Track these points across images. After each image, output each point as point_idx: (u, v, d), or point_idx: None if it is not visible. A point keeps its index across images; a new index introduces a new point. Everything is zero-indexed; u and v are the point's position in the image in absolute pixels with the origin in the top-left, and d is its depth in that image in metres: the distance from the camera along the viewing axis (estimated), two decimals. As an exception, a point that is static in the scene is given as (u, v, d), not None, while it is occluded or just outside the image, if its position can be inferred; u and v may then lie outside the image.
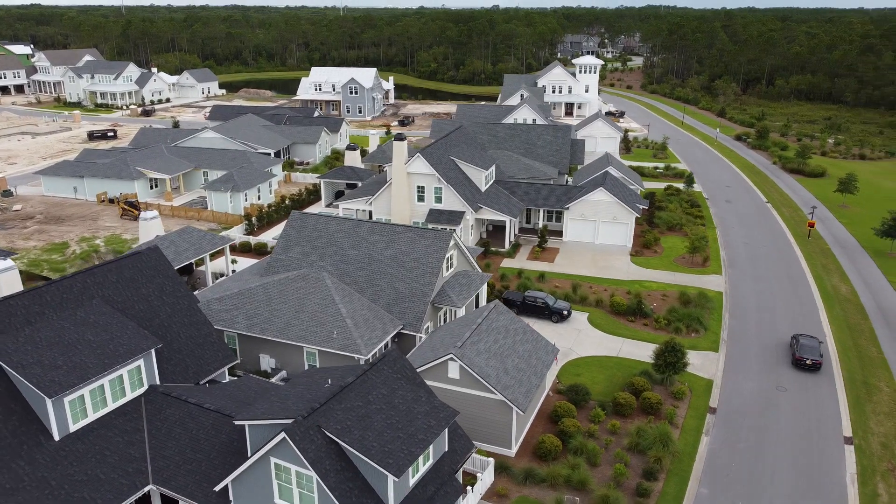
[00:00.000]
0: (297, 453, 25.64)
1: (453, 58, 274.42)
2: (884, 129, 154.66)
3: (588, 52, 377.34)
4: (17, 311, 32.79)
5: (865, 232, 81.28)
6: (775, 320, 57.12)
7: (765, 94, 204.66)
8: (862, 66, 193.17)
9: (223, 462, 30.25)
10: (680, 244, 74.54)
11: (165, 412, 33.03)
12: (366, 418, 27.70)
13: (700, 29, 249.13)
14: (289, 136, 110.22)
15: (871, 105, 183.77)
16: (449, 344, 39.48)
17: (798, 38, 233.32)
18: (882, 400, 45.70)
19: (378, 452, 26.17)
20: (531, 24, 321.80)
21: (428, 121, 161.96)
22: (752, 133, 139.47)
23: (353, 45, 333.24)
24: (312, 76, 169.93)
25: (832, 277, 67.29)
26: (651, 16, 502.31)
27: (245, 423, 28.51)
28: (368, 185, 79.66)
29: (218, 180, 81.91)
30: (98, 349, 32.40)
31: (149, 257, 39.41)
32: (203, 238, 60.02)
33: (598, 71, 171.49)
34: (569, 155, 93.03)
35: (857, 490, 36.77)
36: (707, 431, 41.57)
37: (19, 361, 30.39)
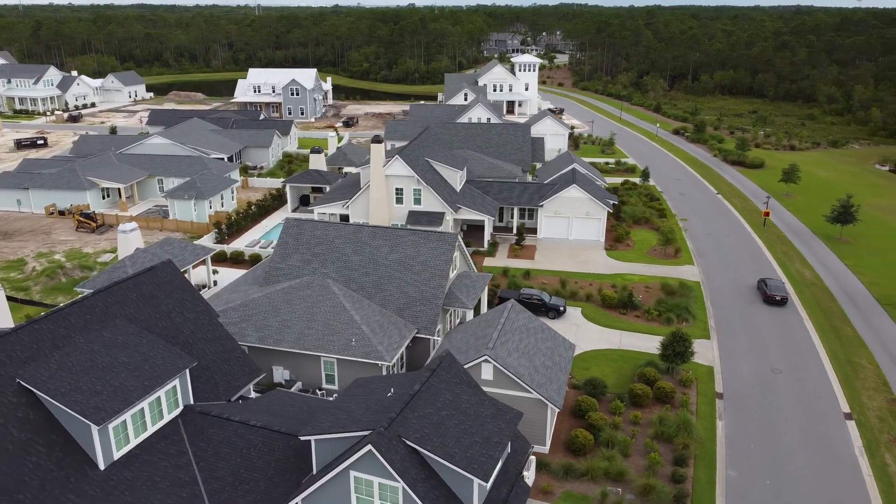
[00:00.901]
0: (384, 465, 25.26)
1: (385, 57, 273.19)
2: (805, 122, 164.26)
3: (514, 49, 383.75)
4: (44, 335, 30.82)
5: (813, 219, 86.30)
6: (754, 307, 59.97)
7: (691, 90, 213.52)
8: (779, 61, 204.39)
9: (282, 480, 29.44)
10: (649, 237, 77.06)
11: (208, 432, 31.79)
12: (440, 425, 27.56)
13: (626, 27, 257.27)
14: (240, 140, 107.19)
15: (789, 98, 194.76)
16: (476, 346, 39.64)
17: (717, 36, 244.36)
18: (868, 376, 48.83)
19: (462, 458, 26.10)
20: (458, 23, 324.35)
21: (371, 121, 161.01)
22: (690, 127, 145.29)
23: (280, 45, 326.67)
24: (250, 78, 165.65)
25: (794, 263, 71.19)
26: (570, 14, 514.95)
27: (312, 438, 27.84)
28: (338, 188, 78.60)
29: (180, 188, 78.90)
30: (135, 371, 30.87)
31: (164, 272, 37.74)
32: (185, 249, 57.85)
33: (537, 69, 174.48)
34: (530, 153, 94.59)
35: (868, 462, 39.23)
36: (720, 416, 43.35)
37: (56, 389, 28.63)
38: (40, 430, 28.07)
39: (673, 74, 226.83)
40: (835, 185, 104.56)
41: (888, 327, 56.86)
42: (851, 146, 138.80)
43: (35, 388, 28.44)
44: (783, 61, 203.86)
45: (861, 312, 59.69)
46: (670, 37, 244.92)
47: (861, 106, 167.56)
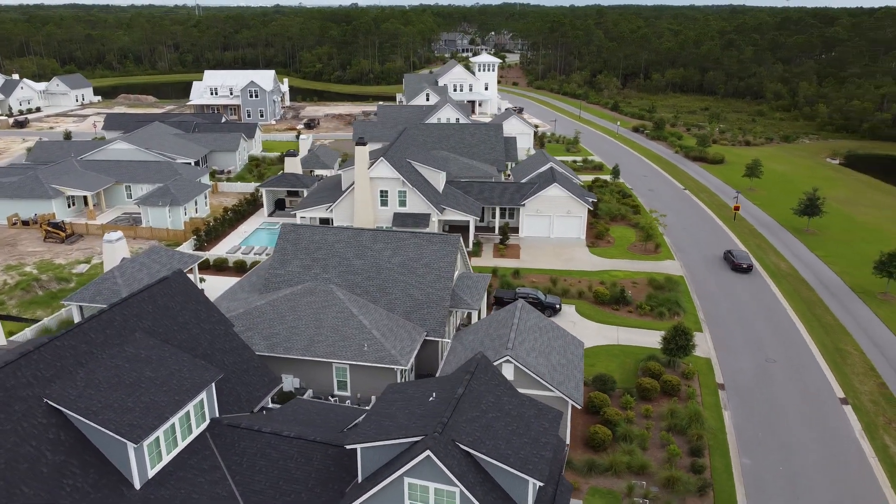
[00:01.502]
0: (442, 470, 25.14)
1: (338, 58, 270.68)
2: (755, 118, 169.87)
3: (463, 49, 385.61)
4: (66, 352, 29.61)
5: (779, 212, 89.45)
6: (738, 299, 61.83)
7: (643, 88, 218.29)
8: (727, 60, 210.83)
9: (324, 490, 29.01)
10: (628, 233, 78.57)
11: (240, 445, 31.06)
12: (489, 428, 27.58)
13: (578, 27, 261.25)
14: (205, 144, 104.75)
15: (738, 95, 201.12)
16: (494, 346, 39.77)
17: (665, 35, 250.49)
18: (855, 362, 50.93)
19: (516, 460, 26.18)
20: (409, 23, 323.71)
21: (333, 122, 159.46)
22: (649, 125, 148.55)
23: (228, 46, 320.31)
24: (206, 80, 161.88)
25: (769, 255, 73.65)
26: (516, 14, 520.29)
27: (358, 446, 27.51)
28: (317, 191, 77.64)
29: (153, 194, 76.62)
30: (163, 386, 29.93)
31: (176, 282, 36.67)
32: (173, 257, 56.30)
33: (497, 69, 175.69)
34: (504, 152, 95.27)
35: (869, 444, 40.95)
36: (725, 406, 44.57)
37: (88, 408, 27.55)
38: (73, 451, 26.98)
39: (625, 73, 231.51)
40: (793, 178, 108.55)
41: (865, 314, 59.40)
42: (802, 141, 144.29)
43: (65, 407, 27.32)
44: (731, 59, 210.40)
45: (838, 301, 62.19)
46: (620, 36, 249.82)
47: (807, 102, 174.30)
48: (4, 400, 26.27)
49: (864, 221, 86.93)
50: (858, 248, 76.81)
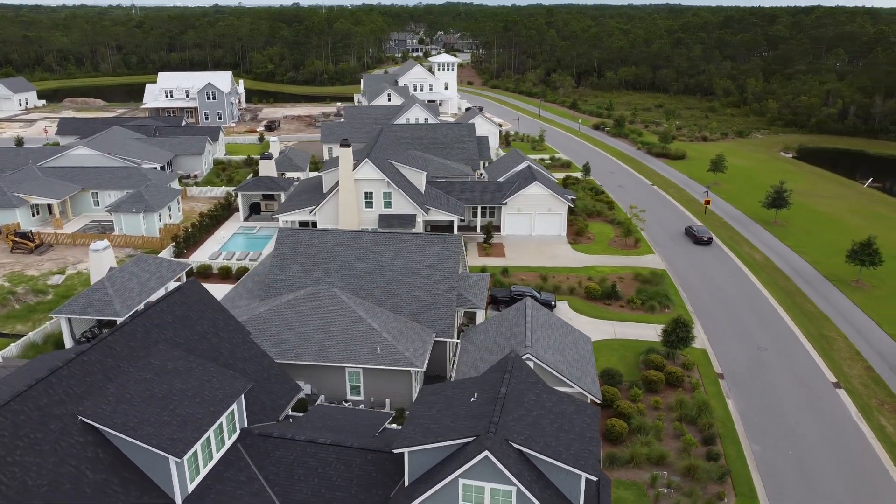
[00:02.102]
0: (500, 469, 25.20)
1: (290, 58, 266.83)
2: (707, 114, 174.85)
3: (413, 49, 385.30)
4: (93, 367, 28.56)
5: (746, 205, 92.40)
6: (722, 290, 63.67)
7: (597, 86, 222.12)
8: (677, 58, 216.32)
9: (368, 496, 28.72)
10: (606, 229, 79.96)
11: (274, 454, 30.49)
12: (536, 425, 27.77)
13: (531, 26, 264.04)
14: (170, 148, 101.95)
15: (689, 92, 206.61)
16: (510, 345, 40.01)
17: (615, 34, 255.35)
18: (841, 347, 53.09)
19: (568, 456, 26.44)
20: (359, 23, 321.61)
21: (293, 124, 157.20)
22: (609, 123, 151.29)
23: (173, 47, 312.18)
24: (161, 82, 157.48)
25: (743, 247, 76.01)
26: (462, 13, 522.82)
27: (406, 450, 27.36)
28: (297, 194, 76.57)
29: (125, 201, 74.23)
30: (196, 397, 29.14)
31: (191, 291, 35.70)
32: (161, 265, 54.76)
33: (456, 68, 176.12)
34: (477, 152, 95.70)
35: (867, 425, 42.78)
36: (727, 395, 45.88)
37: (124, 424, 26.64)
38: (113, 468, 26.06)
39: (579, 71, 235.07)
40: (753, 172, 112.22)
41: (842, 301, 61.95)
42: (755, 136, 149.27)
43: (101, 424, 26.38)
44: (680, 58, 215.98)
45: (815, 289, 64.67)
46: (572, 35, 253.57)
47: (755, 98, 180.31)
48: (40, 419, 25.23)
49: (824, 212, 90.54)
50: (823, 237, 79.99)
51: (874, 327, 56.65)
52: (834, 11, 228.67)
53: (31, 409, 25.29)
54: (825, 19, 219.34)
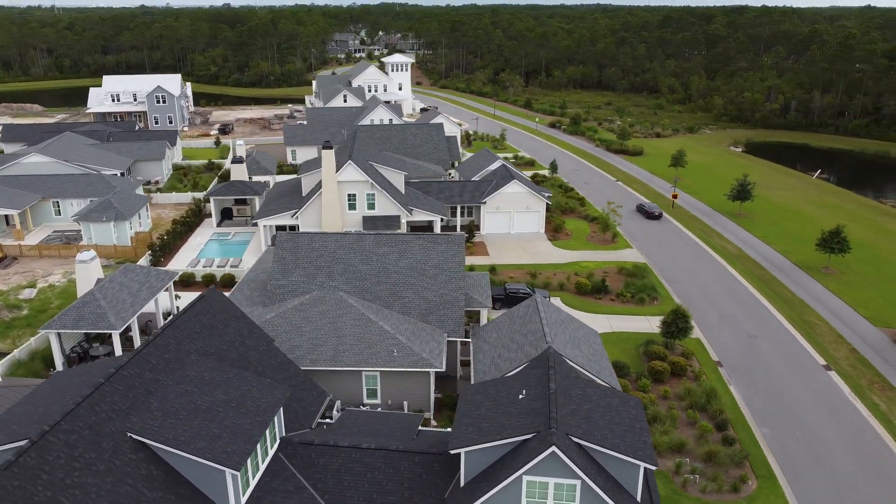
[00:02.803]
0: (566, 464, 25.43)
1: (234, 60, 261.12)
2: (656, 111, 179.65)
3: (355, 50, 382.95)
4: (134, 381, 27.47)
5: (709, 197, 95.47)
6: (704, 281, 65.66)
7: (546, 85, 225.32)
8: (622, 56, 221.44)
9: (423, 498, 28.56)
10: (582, 225, 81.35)
11: (318, 462, 29.98)
12: (589, 419, 28.13)
13: (478, 26, 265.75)
14: (128, 154, 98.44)
15: (635, 90, 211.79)
16: (529, 341, 40.27)
17: (559, 34, 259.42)
18: (823, 332, 55.53)
19: (626, 447, 26.88)
20: (301, 23, 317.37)
21: (247, 127, 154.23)
22: (565, 121, 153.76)
23: (108, 49, 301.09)
24: (106, 86, 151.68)
25: (714, 239, 78.56)
26: (400, 14, 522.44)
27: (462, 450, 27.32)
28: (274, 198, 75.14)
29: (94, 209, 71.32)
30: (240, 408, 28.39)
31: (214, 300, 34.68)
32: (149, 274, 52.87)
33: (410, 68, 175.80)
34: (447, 151, 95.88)
35: (861, 404, 44.91)
36: (729, 381, 47.40)
37: (175, 438, 25.76)
38: (167, 485, 25.18)
39: (527, 71, 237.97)
40: (709, 166, 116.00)
41: (816, 287, 64.78)
42: (704, 131, 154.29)
43: (152, 440, 25.46)
44: (625, 56, 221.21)
45: (788, 277, 67.42)
46: (517, 35, 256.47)
47: (700, 95, 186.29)
48: (92, 438, 24.17)
49: (782, 203, 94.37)
50: (786, 227, 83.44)
51: (850, 311, 59.47)
52: (769, 11, 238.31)
53: (81, 427, 24.19)
54: (762, 18, 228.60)
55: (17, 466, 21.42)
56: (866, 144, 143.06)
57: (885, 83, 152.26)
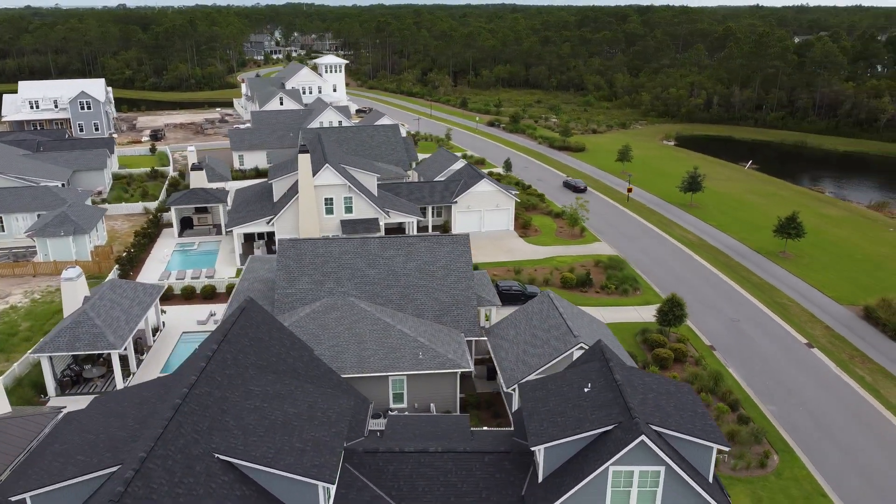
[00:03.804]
0: (654, 451, 26.22)
1: (150, 63, 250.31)
2: (586, 108, 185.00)
3: (272, 51, 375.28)
4: (207, 401, 26.35)
5: (658, 190, 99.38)
6: (677, 271, 68.49)
7: (474, 84, 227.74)
8: (547, 55, 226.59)
9: (501, 497, 28.80)
10: (547, 221, 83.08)
11: (388, 470, 29.68)
12: (658, 407, 29.04)
13: (404, 27, 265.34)
14: (67, 164, 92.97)
15: (563, 88, 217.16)
16: (554, 336, 41.11)
17: (482, 34, 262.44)
18: (797, 312, 59.12)
19: (699, 432, 27.92)
20: (216, 24, 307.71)
21: (179, 132, 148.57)
22: (504, 119, 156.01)
23: (7, 53, 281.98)
24: (22, 92, 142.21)
25: (675, 229, 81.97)
26: (307, 14, 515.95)
27: (542, 447, 27.73)
28: (244, 204, 72.95)
29: (50, 223, 67.07)
30: (312, 420, 27.74)
31: (254, 312, 33.57)
32: (136, 289, 50.44)
33: (344, 70, 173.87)
34: (405, 152, 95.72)
35: (848, 377, 48.22)
36: (726, 364, 49.79)
37: (263, 456, 24.98)
38: (262, 505, 24.31)
39: (455, 70, 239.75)
40: (649, 160, 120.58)
41: (778, 271, 68.81)
42: (635, 126, 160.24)
43: (241, 459, 24.63)
44: (551, 55, 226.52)
45: (751, 262, 71.27)
46: (442, 35, 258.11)
47: (625, 92, 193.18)
48: (185, 462, 23.13)
49: (727, 194, 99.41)
50: (736, 215, 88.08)
51: (815, 292, 63.54)
52: (687, 10, 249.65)
53: (173, 452, 23.08)
54: (679, 17, 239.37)
55: (128, 497, 20.26)
56: (785, 135, 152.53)
57: (797, 78, 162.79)
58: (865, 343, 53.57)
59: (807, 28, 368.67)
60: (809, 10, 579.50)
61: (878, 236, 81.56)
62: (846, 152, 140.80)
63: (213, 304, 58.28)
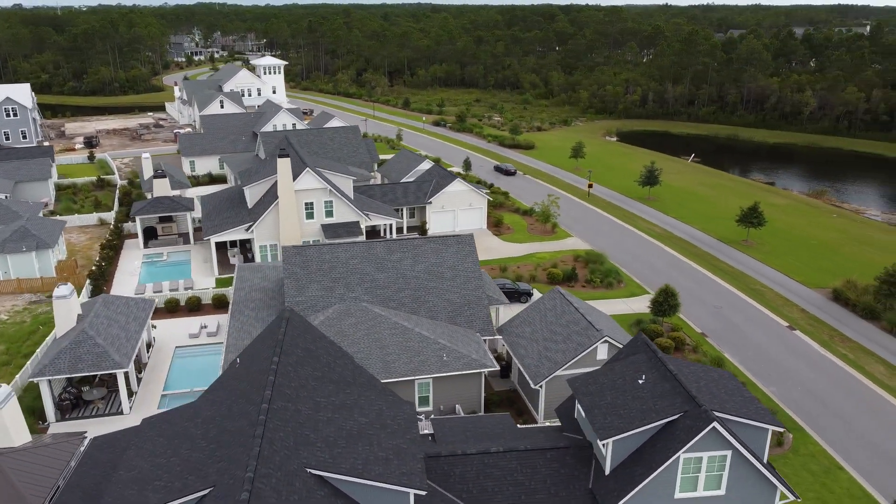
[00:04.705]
0: (723, 437, 27.29)
1: (68, 66, 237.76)
2: (525, 106, 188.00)
3: (192, 53, 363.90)
4: (285, 415, 25.65)
5: (616, 185, 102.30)
6: (652, 262, 70.82)
7: (411, 84, 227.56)
8: (482, 55, 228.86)
9: (570, 491, 29.28)
10: (517, 218, 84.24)
11: (453, 473, 29.72)
12: (712, 393, 30.15)
13: (336, 27, 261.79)
14: (7, 175, 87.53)
15: (499, 87, 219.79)
16: (576, 331, 41.96)
17: (413, 34, 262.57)
18: (772, 297, 62.28)
19: (755, 415, 29.24)
20: (134, 25, 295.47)
21: (114, 139, 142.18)
22: (450, 119, 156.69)
23: None
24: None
25: (639, 223, 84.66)
26: (220, 13, 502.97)
27: (611, 439, 28.40)
28: (217, 212, 70.71)
29: (10, 239, 63.00)
30: (386, 428, 27.50)
31: (297, 322, 32.75)
32: (129, 305, 48.24)
33: (282, 71, 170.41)
34: (368, 154, 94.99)
35: (832, 355, 51.27)
36: (721, 349, 52.00)
37: (352, 467, 24.59)
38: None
39: (390, 70, 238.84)
40: (598, 156, 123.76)
41: (745, 259, 72.24)
42: (576, 123, 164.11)
43: (333, 472, 24.22)
44: (485, 54, 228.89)
45: (718, 251, 74.51)
46: (374, 35, 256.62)
47: (561, 89, 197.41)
48: (286, 479, 22.63)
49: (680, 187, 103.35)
50: (692, 208, 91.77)
51: (784, 277, 67.11)
52: (618, 9, 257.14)
53: (273, 469, 22.44)
54: (611, 16, 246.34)
55: (249, 519, 19.59)
56: (718, 129, 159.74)
57: (725, 74, 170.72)
58: (840, 323, 57.05)
59: (716, 26, 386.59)
60: (715, 8, 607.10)
61: (825, 222, 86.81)
62: (775, 144, 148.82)
63: (200, 317, 56.30)
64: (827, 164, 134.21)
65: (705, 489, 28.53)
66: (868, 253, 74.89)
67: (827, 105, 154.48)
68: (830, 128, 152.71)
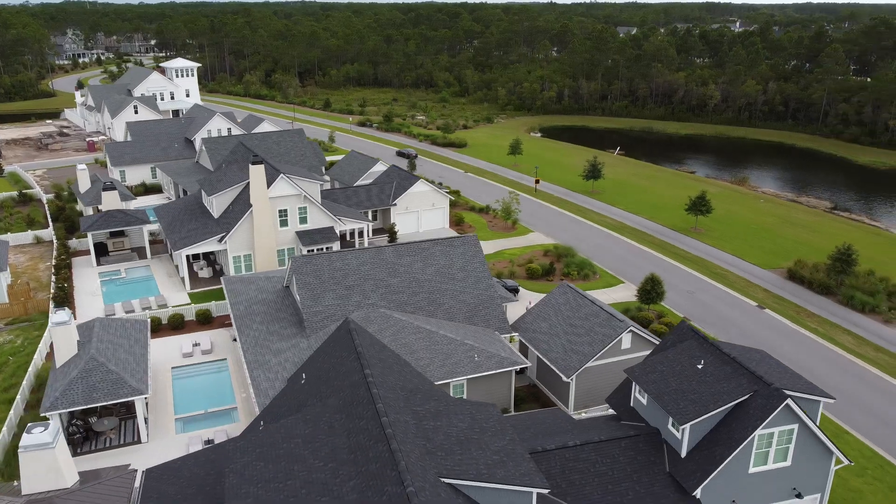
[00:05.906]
0: (794, 412, 29.46)
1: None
2: (444, 105, 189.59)
3: (77, 54, 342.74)
4: (402, 427, 25.35)
5: (557, 179, 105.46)
6: (617, 253, 73.82)
7: (322, 84, 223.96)
8: (394, 54, 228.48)
9: (652, 477, 30.60)
10: (475, 216, 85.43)
11: (538, 468, 30.29)
12: (767, 373, 32.37)
13: (241, 27, 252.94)
14: (-82, 194, 79.73)
15: (413, 86, 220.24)
16: (598, 323, 43.51)
17: (321, 35, 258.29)
18: (735, 279, 66.59)
19: (807, 389, 31.64)
20: (9, 26, 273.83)
21: (18, 149, 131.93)
22: (376, 119, 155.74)
23: None
24: None
25: (592, 216, 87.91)
26: (98, 12, 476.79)
27: (689, 424, 29.94)
28: (180, 223, 67.49)
29: (-46, 264, 57.69)
30: (485, 432, 27.72)
31: (360, 333, 32.24)
32: (125, 326, 45.54)
33: (196, 73, 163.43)
34: (316, 158, 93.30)
35: (804, 330, 55.68)
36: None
37: (479, 473, 24.77)
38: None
39: (300, 70, 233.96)
40: (535, 152, 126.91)
41: (699, 245, 76.71)
42: (499, 121, 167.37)
43: (466, 480, 24.34)
44: (397, 53, 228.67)
45: (672, 239, 78.69)
46: (280, 34, 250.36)
47: (476, 87, 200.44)
48: (434, 492, 22.90)
49: (619, 179, 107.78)
50: (635, 198, 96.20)
51: (739, 260, 71.86)
52: (527, 8, 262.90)
53: (423, 482, 22.33)
54: (521, 15, 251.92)
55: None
56: (632, 122, 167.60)
57: (635, 69, 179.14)
58: (801, 300, 61.93)
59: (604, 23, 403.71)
60: (600, 6, 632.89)
61: (756, 207, 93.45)
62: (686, 135, 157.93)
63: (186, 335, 53.80)
64: (735, 152, 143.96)
65: (775, 462, 30.64)
66: (802, 234, 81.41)
67: (730, 97, 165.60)
68: (734, 118, 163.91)
